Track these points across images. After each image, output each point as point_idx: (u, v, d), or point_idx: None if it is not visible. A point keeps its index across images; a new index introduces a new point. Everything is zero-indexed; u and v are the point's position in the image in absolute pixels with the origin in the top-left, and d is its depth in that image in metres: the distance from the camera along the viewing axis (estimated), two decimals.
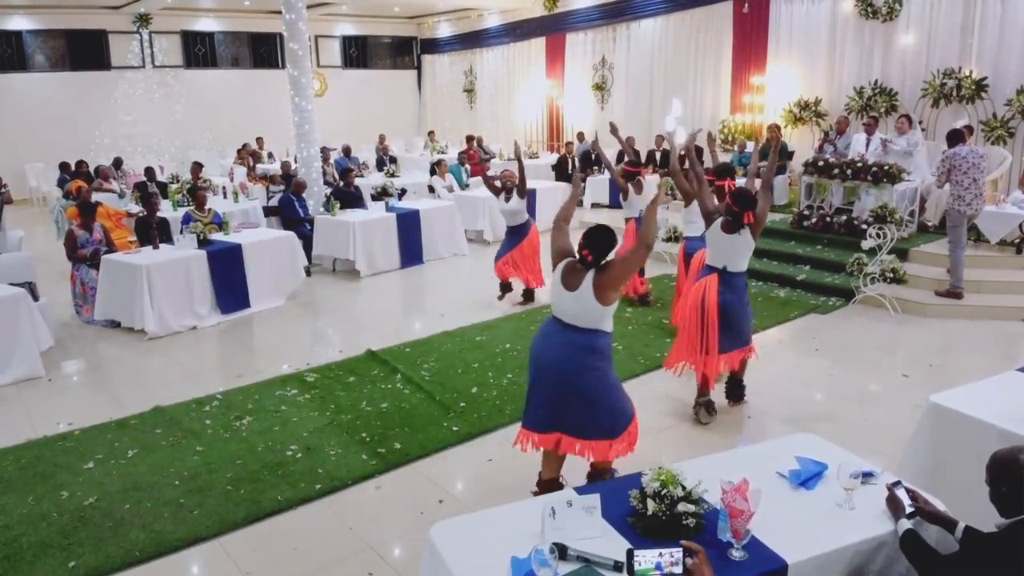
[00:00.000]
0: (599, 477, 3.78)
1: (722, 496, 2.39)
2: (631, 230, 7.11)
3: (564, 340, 3.58)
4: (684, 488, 2.55)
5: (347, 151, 14.97)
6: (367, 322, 7.69)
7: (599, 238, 3.50)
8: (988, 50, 9.72)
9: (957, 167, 6.90)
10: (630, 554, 2.20)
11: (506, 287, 7.74)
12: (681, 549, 2.18)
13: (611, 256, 3.58)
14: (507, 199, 7.44)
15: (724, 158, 12.09)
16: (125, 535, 3.78)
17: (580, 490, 2.74)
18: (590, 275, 3.49)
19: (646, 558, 2.18)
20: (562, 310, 3.61)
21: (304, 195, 9.90)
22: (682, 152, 5.69)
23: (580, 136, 15.13)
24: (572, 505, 2.50)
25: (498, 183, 7.50)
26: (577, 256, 3.57)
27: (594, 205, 12.88)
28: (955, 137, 7.14)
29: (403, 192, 10.69)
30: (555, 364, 3.59)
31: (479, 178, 11.19)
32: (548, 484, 3.87)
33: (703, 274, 4.95)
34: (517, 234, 7.54)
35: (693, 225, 6.25)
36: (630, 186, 7.24)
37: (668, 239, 8.65)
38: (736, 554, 2.37)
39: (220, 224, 8.11)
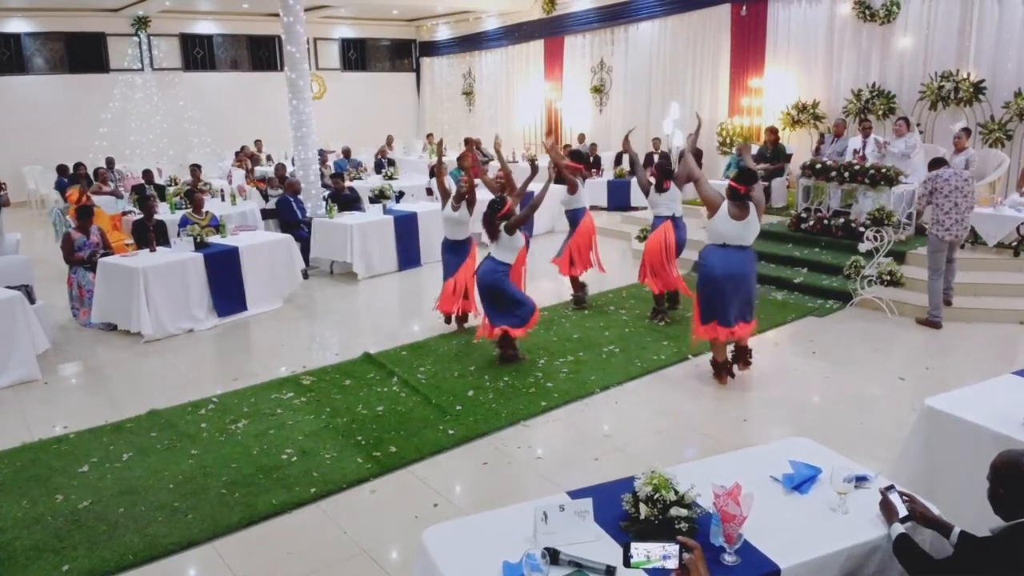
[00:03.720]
0: (745, 353, 5.63)
1: (714, 500, 2.39)
2: (669, 226, 6.84)
3: (744, 256, 5.28)
4: (677, 492, 2.54)
5: (347, 153, 14.98)
6: (364, 325, 7.69)
7: (749, 176, 5.11)
8: (986, 53, 9.71)
9: (939, 190, 6.61)
10: (626, 547, 2.19)
11: (460, 319, 6.90)
12: (678, 545, 2.18)
13: None
14: (455, 207, 6.71)
15: (722, 161, 12.23)
16: (119, 538, 3.78)
17: (573, 495, 2.73)
18: (751, 205, 5.13)
19: (642, 552, 2.17)
20: (734, 236, 5.21)
21: (299, 196, 9.91)
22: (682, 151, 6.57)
23: (580, 138, 15.14)
24: (565, 510, 2.49)
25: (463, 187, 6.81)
26: (732, 194, 5.12)
27: (592, 208, 12.86)
28: (938, 164, 6.88)
29: (401, 195, 10.69)
30: (742, 273, 5.29)
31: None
32: (723, 364, 5.59)
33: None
34: (457, 254, 6.76)
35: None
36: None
37: None
38: (728, 559, 2.37)
39: (217, 227, 8.10)
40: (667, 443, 4.81)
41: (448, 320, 6.99)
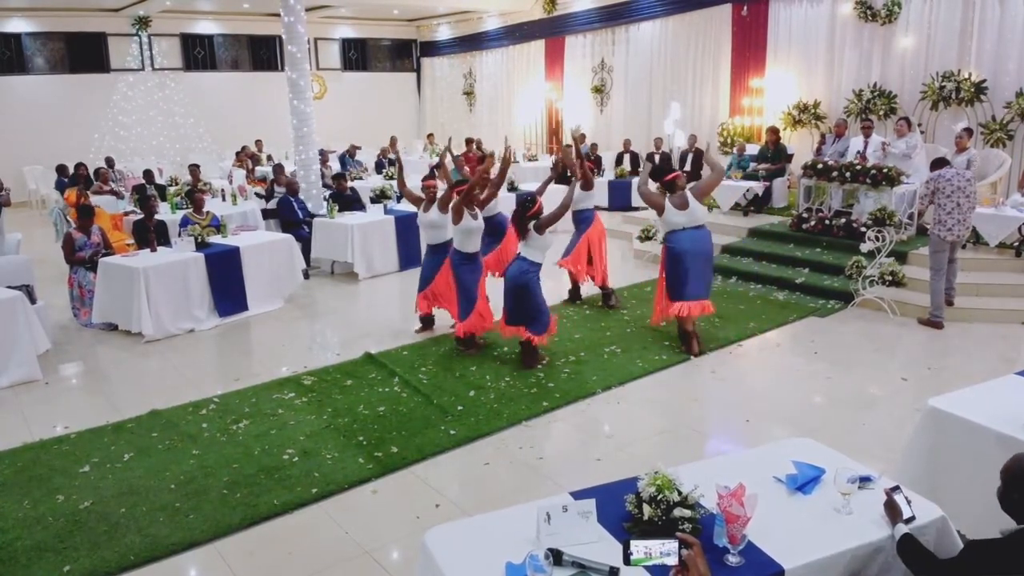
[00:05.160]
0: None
1: (718, 501, 2.38)
2: (599, 219, 7.66)
3: (702, 234, 5.99)
4: (680, 493, 2.53)
5: (352, 152, 14.97)
6: (365, 325, 7.67)
7: (658, 171, 5.95)
8: (987, 52, 9.70)
9: (941, 190, 6.62)
10: (626, 545, 2.20)
11: (427, 320, 6.96)
12: (676, 541, 2.18)
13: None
14: (426, 208, 6.52)
15: (724, 160, 12.21)
16: (120, 539, 3.77)
17: (576, 495, 2.72)
18: (688, 194, 5.89)
19: (641, 549, 2.18)
20: (687, 222, 5.89)
21: (300, 196, 9.90)
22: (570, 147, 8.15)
23: (581, 138, 15.12)
24: (568, 510, 2.48)
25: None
26: (669, 187, 5.97)
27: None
28: (940, 164, 6.90)
29: (402, 195, 10.67)
30: (706, 250, 6.03)
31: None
32: (692, 333, 6.16)
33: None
34: (438, 254, 6.62)
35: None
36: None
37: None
38: (732, 559, 2.36)
39: (218, 227, 8.10)
40: (669, 443, 4.81)
41: (428, 323, 6.97)
